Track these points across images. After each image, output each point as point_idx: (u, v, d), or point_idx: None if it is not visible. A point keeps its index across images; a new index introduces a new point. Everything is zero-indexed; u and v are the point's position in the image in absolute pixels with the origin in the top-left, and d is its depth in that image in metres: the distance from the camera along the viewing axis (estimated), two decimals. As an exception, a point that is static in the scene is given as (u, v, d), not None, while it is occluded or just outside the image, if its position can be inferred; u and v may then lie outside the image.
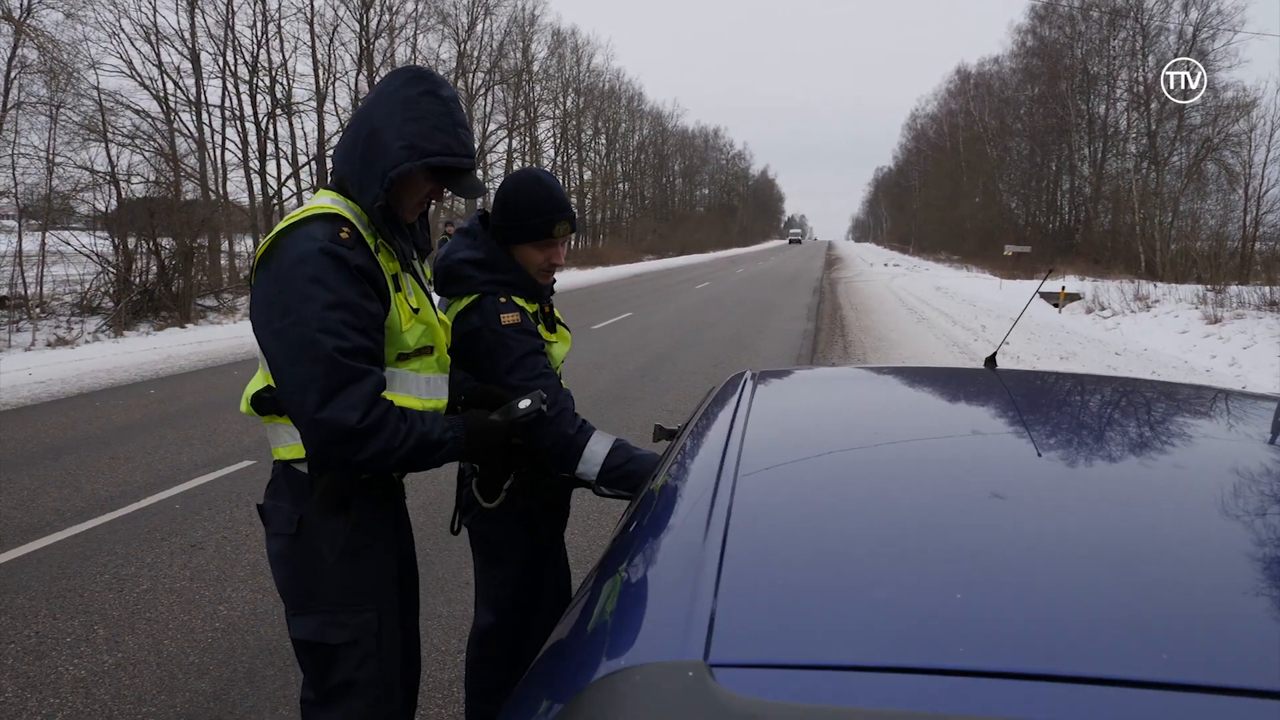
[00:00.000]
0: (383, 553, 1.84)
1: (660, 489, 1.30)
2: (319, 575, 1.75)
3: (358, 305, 1.63)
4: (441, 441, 1.74)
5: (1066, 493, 1.17)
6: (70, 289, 16.09)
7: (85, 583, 4.08)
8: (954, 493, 1.16)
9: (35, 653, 3.43)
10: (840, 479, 1.27)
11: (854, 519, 1.10)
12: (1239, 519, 1.08)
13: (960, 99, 59.93)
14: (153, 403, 8.28)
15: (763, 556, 0.99)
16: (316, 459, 1.65)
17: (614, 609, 0.96)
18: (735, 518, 1.05)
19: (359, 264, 1.65)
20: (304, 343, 1.58)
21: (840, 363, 10.89)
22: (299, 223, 1.67)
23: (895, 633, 0.80)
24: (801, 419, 1.69)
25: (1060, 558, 0.95)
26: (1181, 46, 34.12)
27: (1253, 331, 14.43)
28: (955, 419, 1.60)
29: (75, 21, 18.87)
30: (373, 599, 1.80)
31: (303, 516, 1.75)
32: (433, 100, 1.74)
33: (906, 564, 0.95)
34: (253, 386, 1.79)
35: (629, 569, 1.06)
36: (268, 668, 3.32)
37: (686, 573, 0.93)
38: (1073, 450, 1.37)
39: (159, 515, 5.01)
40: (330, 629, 1.76)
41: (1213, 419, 1.63)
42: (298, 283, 1.60)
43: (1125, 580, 0.89)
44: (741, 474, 1.20)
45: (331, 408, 1.57)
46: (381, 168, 1.70)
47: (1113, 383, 1.87)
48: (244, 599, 3.91)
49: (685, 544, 1.01)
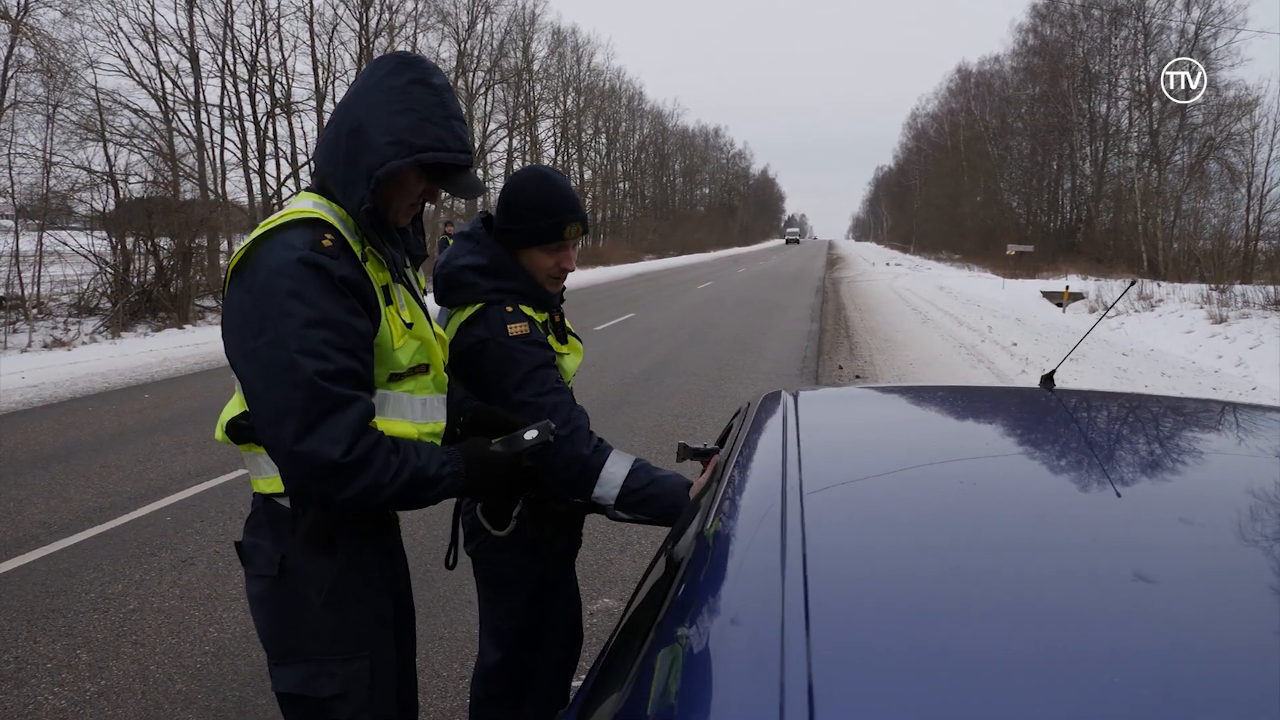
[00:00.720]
0: (375, 595, 1.65)
1: (715, 534, 1.11)
2: (305, 621, 1.57)
3: (342, 322, 1.44)
4: (438, 477, 1.55)
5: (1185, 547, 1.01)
6: (68, 289, 15.95)
7: (69, 602, 3.91)
8: (1062, 542, 0.99)
9: (14, 680, 3.26)
10: (930, 521, 1.11)
11: (961, 574, 0.94)
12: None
13: (961, 98, 59.82)
14: (147, 407, 8.11)
15: (861, 623, 0.83)
16: (297, 495, 1.46)
17: (680, 689, 0.79)
18: (815, 572, 0.88)
19: (344, 275, 1.46)
20: (281, 365, 1.39)
21: (848, 365, 10.72)
22: (275, 229, 1.48)
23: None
24: (863, 449, 1.52)
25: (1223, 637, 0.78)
26: (1183, 45, 33.99)
27: (1259, 331, 14.28)
28: (1029, 452, 1.43)
29: (73, 20, 18.73)
30: (365, 646, 1.62)
31: (285, 556, 1.56)
32: (422, 89, 1.54)
33: (1035, 628, 0.80)
34: (229, 411, 1.60)
35: (693, 636, 0.88)
36: (259, 696, 3.15)
37: (767, 642, 0.77)
38: (1167, 490, 1.21)
39: (149, 528, 4.84)
40: (318, 680, 1.58)
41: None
42: (274, 297, 1.41)
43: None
44: (811, 515, 1.04)
45: (312, 439, 1.38)
46: (367, 166, 1.51)
47: (1181, 405, 1.70)
48: (236, 620, 3.74)
49: (761, 604, 0.85)
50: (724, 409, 8.11)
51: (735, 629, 0.83)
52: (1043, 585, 0.89)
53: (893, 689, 0.70)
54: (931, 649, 0.77)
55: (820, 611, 0.81)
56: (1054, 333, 15.18)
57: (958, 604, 0.86)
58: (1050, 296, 22.87)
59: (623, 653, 1.29)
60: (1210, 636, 0.78)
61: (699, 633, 0.86)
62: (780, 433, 1.42)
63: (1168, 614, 0.82)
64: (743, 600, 0.89)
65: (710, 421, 7.57)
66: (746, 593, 0.91)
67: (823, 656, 0.73)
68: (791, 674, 0.70)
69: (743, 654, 0.78)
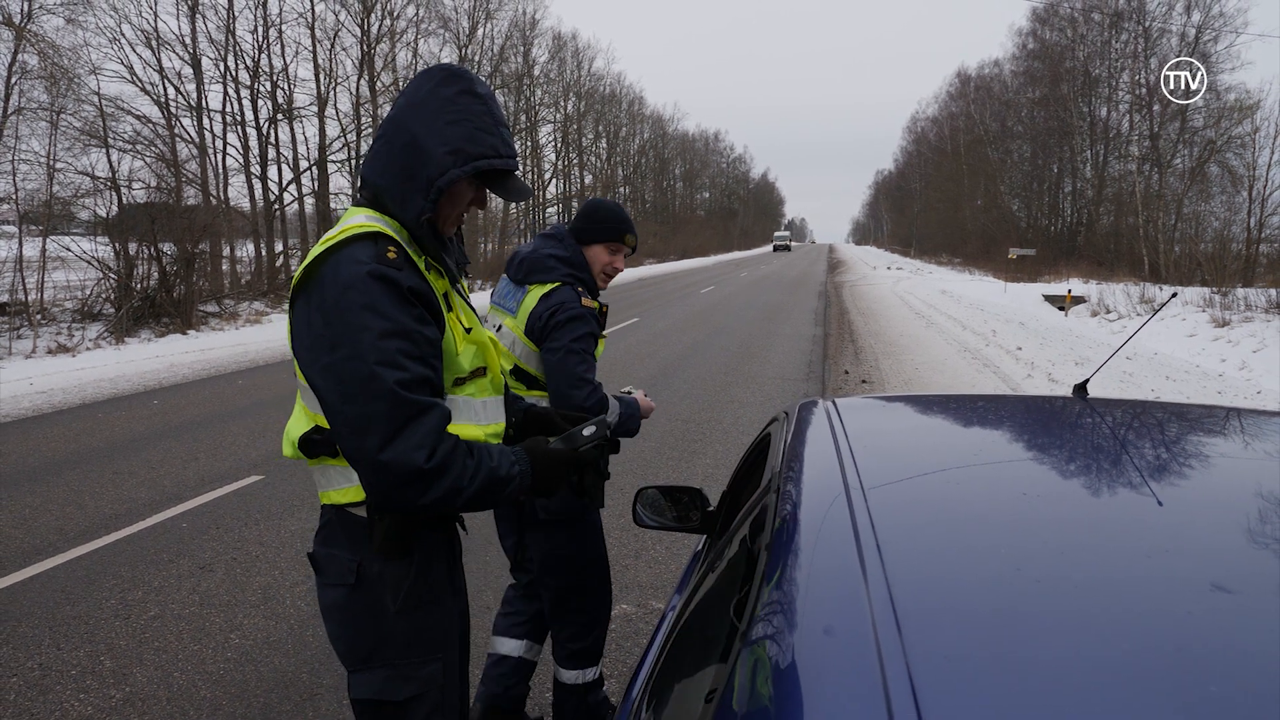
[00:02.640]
0: (446, 598, 1.70)
1: (785, 536, 1.11)
2: (381, 627, 1.61)
3: (415, 332, 1.48)
4: (510, 477, 1.58)
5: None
6: (71, 295, 15.97)
7: (90, 609, 3.92)
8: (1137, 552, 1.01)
9: (39, 686, 3.28)
10: (995, 523, 1.14)
11: (1033, 576, 0.95)
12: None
13: (961, 102, 59.92)
14: (156, 414, 8.13)
15: (949, 623, 0.84)
16: (381, 503, 1.49)
17: (774, 693, 0.79)
18: (894, 573, 0.90)
19: (411, 285, 1.50)
20: (360, 378, 1.42)
21: (854, 370, 10.74)
22: (338, 245, 1.50)
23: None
24: (917, 453, 1.54)
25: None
26: (1184, 49, 34.08)
27: (1262, 335, 14.30)
28: (1077, 460, 1.45)
29: (76, 27, 18.78)
30: (439, 648, 1.67)
31: (361, 564, 1.59)
32: (471, 99, 1.59)
33: (1114, 631, 0.82)
34: (297, 428, 1.62)
35: (777, 643, 0.88)
36: (284, 703, 3.17)
37: (861, 643, 0.78)
38: (1219, 497, 1.23)
39: (166, 535, 4.85)
40: (395, 684, 1.62)
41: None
42: (347, 312, 1.44)
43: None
44: (879, 516, 1.06)
45: (395, 448, 1.42)
46: (427, 177, 1.54)
47: (1210, 413, 1.72)
48: (257, 626, 3.76)
49: (848, 606, 0.86)
50: (731, 415, 8.12)
51: (825, 632, 0.85)
52: (1117, 589, 0.91)
53: (990, 689, 0.72)
54: (1020, 650, 0.79)
55: (907, 613, 0.82)
56: (1057, 336, 15.20)
57: (1038, 606, 0.88)
58: (1052, 300, 22.92)
59: (693, 656, 1.30)
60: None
61: (786, 636, 0.87)
62: (830, 437, 1.44)
63: (1254, 624, 0.83)
64: (829, 602, 0.91)
65: (718, 427, 7.58)
66: (831, 595, 0.92)
67: (918, 657, 0.75)
68: (893, 675, 0.72)
69: (837, 656, 0.80)
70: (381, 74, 28.52)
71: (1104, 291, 21.94)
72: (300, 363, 1.54)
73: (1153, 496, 1.22)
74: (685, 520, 2.41)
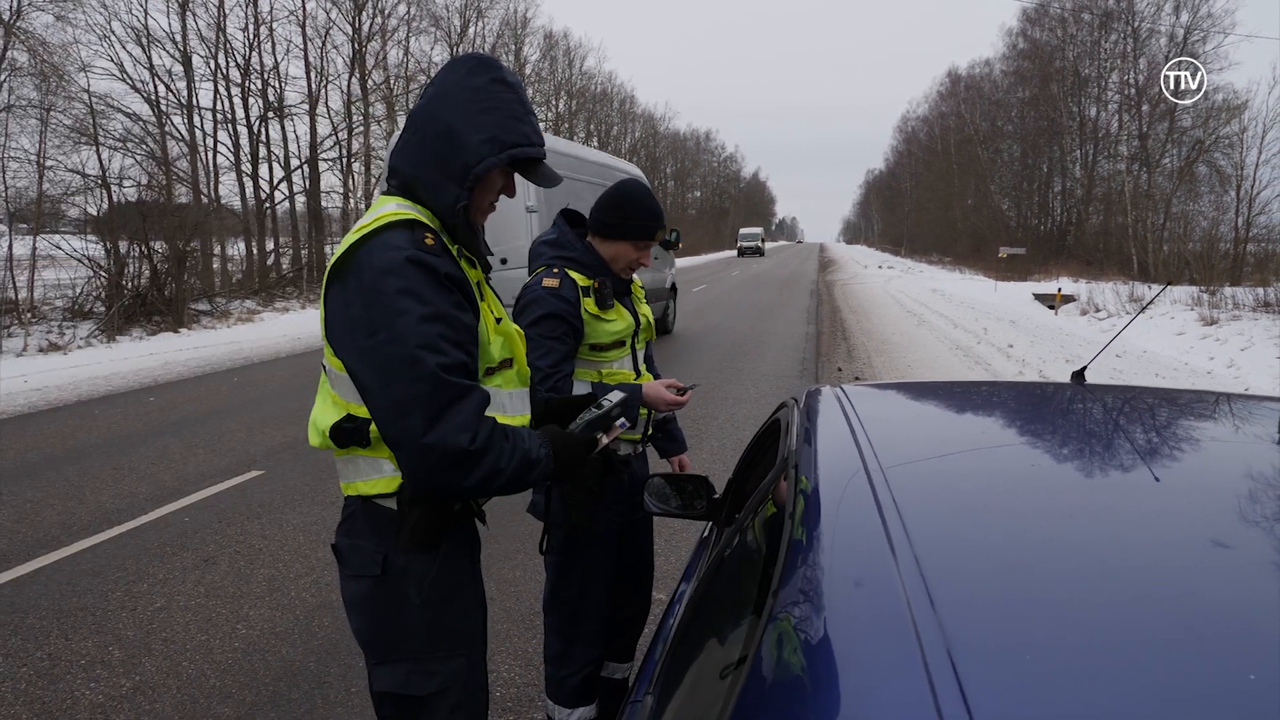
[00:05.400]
0: (469, 592, 1.70)
1: (808, 513, 1.14)
2: (405, 619, 1.61)
3: (453, 317, 1.50)
4: (538, 459, 1.60)
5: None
6: (61, 293, 15.90)
7: (97, 601, 3.95)
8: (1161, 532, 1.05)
9: (49, 676, 3.30)
10: (1010, 494, 1.19)
11: (1060, 545, 0.99)
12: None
13: (951, 101, 60.19)
14: (153, 410, 8.13)
15: (981, 585, 0.87)
16: (423, 487, 1.50)
17: (807, 662, 0.82)
18: (921, 546, 0.94)
19: (448, 272, 1.51)
20: (402, 361, 1.43)
21: (847, 367, 10.82)
22: (374, 231, 1.51)
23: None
24: (931, 435, 1.58)
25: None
26: (1173, 49, 34.33)
27: (1250, 333, 14.45)
28: (1081, 438, 1.51)
29: (65, 24, 18.70)
30: (463, 643, 1.67)
31: (387, 555, 1.59)
32: (502, 88, 1.61)
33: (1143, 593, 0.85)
34: (327, 417, 1.61)
35: (805, 612, 0.90)
36: (292, 690, 3.20)
37: (896, 616, 0.80)
38: (1205, 480, 1.29)
39: (168, 529, 4.88)
40: (418, 679, 1.62)
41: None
42: (386, 297, 1.45)
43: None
44: (900, 493, 1.10)
45: (439, 430, 1.43)
46: (462, 164, 1.56)
47: (1181, 395, 1.79)
48: (262, 617, 3.79)
49: (879, 579, 0.89)
50: (727, 411, 8.18)
51: (857, 603, 0.88)
52: (1124, 545, 0.97)
53: (1024, 644, 0.76)
54: (1051, 607, 0.83)
55: (936, 575, 0.87)
56: (1048, 334, 15.33)
57: (1062, 564, 0.93)
58: (1042, 299, 23.06)
59: (714, 635, 1.34)
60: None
61: (815, 605, 0.91)
62: (843, 419, 1.49)
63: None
64: (858, 570, 0.94)
65: (714, 423, 7.64)
66: (859, 562, 0.96)
67: (948, 613, 0.79)
68: (924, 624, 0.77)
69: (869, 619, 0.83)
70: (373, 72, 28.46)
71: (1093, 290, 22.09)
72: (336, 348, 1.54)
73: (1147, 470, 1.28)
74: (690, 508, 2.46)
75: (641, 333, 2.62)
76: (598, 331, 2.42)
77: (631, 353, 2.57)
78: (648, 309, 2.67)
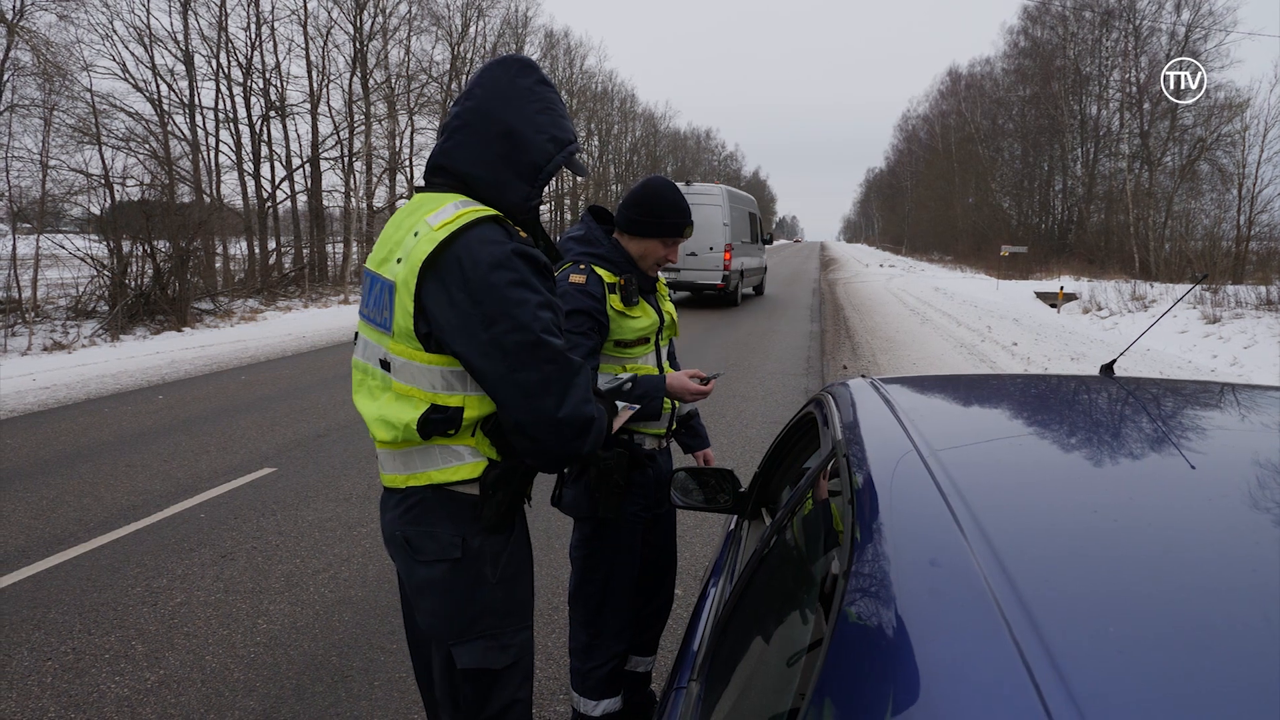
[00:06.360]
0: (531, 566, 1.82)
1: (867, 498, 1.15)
2: (482, 597, 1.69)
3: (556, 304, 1.63)
4: (603, 428, 1.73)
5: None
6: (64, 293, 15.92)
7: (117, 595, 3.97)
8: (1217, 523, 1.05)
9: (74, 670, 3.33)
10: (1066, 474, 1.21)
11: (1128, 526, 1.00)
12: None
13: (952, 100, 60.21)
14: (162, 408, 8.15)
15: (1066, 580, 0.87)
16: (554, 459, 1.63)
17: (892, 639, 0.82)
18: (988, 520, 0.95)
19: (544, 263, 1.62)
20: (529, 345, 1.53)
21: (852, 365, 10.84)
22: (465, 227, 1.55)
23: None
24: (973, 421, 1.61)
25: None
26: (1174, 47, 34.34)
27: (1253, 331, 14.48)
28: (1124, 428, 1.53)
29: (68, 23, 18.71)
30: (528, 615, 1.78)
31: (465, 538, 1.67)
32: (546, 88, 1.69)
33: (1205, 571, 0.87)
34: (403, 412, 1.62)
35: (882, 592, 0.90)
36: (316, 684, 3.23)
37: (971, 583, 0.82)
38: (1234, 467, 1.31)
39: (185, 525, 4.90)
40: (493, 653, 1.70)
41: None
42: (499, 288, 1.52)
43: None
44: (960, 475, 1.11)
45: (569, 404, 1.57)
46: (532, 162, 1.64)
47: (1212, 387, 1.81)
48: (283, 612, 3.81)
49: (952, 560, 0.89)
50: (734, 408, 8.20)
51: (937, 580, 0.89)
52: (1183, 524, 0.99)
53: (1106, 615, 0.78)
54: (1124, 580, 0.85)
55: (1008, 553, 0.89)
56: (1051, 332, 15.34)
57: (1124, 539, 0.95)
58: (1044, 297, 23.09)
59: (766, 626, 1.36)
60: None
61: (890, 583, 0.91)
62: (885, 409, 1.51)
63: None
64: (930, 549, 0.96)
65: (722, 420, 7.66)
66: (930, 540, 0.98)
67: (1028, 588, 0.81)
68: (1004, 599, 0.79)
69: (948, 594, 0.85)
70: (374, 71, 28.46)
71: (1095, 288, 22.12)
72: (449, 342, 1.56)
73: (1180, 456, 1.30)
74: (714, 501, 2.48)
75: (666, 330, 2.62)
76: (623, 328, 2.44)
77: (656, 349, 2.58)
78: (671, 306, 2.68)
